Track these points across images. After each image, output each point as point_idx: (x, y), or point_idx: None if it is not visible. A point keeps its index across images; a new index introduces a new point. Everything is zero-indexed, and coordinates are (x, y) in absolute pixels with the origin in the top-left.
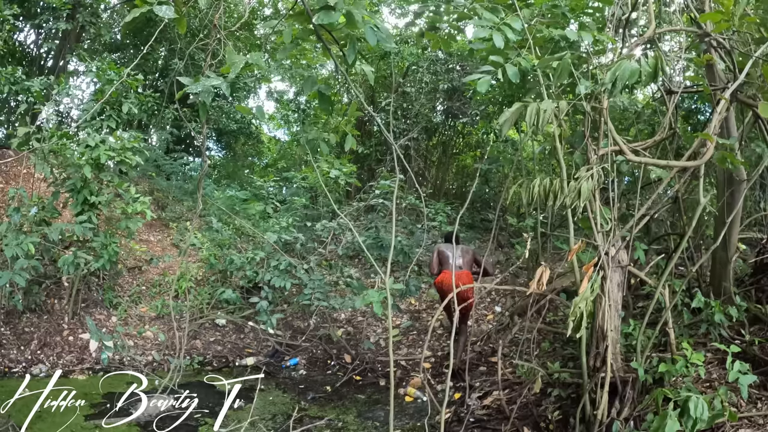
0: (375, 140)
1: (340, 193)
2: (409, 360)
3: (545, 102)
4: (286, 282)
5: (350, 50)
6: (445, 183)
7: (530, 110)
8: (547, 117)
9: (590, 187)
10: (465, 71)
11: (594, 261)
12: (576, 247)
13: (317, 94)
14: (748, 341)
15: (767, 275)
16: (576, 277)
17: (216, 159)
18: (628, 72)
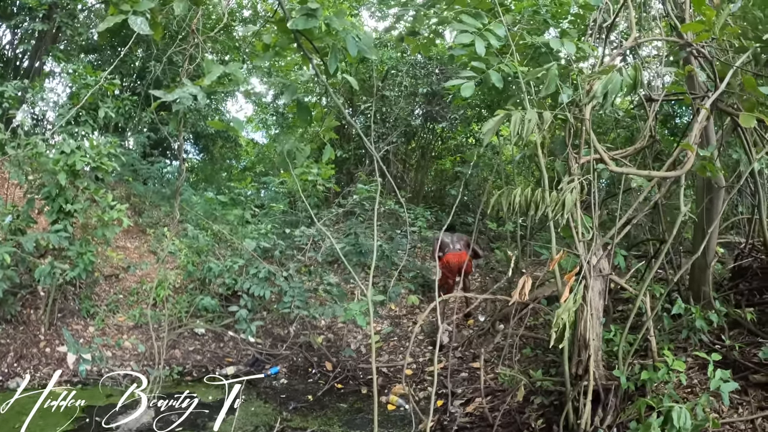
0: (354, 144)
1: (318, 197)
2: (390, 367)
3: (529, 112)
4: (266, 290)
5: (332, 60)
6: (424, 186)
7: (514, 120)
8: (531, 127)
9: (573, 198)
10: (444, 75)
11: (576, 270)
12: (558, 256)
13: (296, 104)
14: (729, 346)
15: (746, 280)
16: (558, 285)
17: (194, 162)
18: (618, 84)
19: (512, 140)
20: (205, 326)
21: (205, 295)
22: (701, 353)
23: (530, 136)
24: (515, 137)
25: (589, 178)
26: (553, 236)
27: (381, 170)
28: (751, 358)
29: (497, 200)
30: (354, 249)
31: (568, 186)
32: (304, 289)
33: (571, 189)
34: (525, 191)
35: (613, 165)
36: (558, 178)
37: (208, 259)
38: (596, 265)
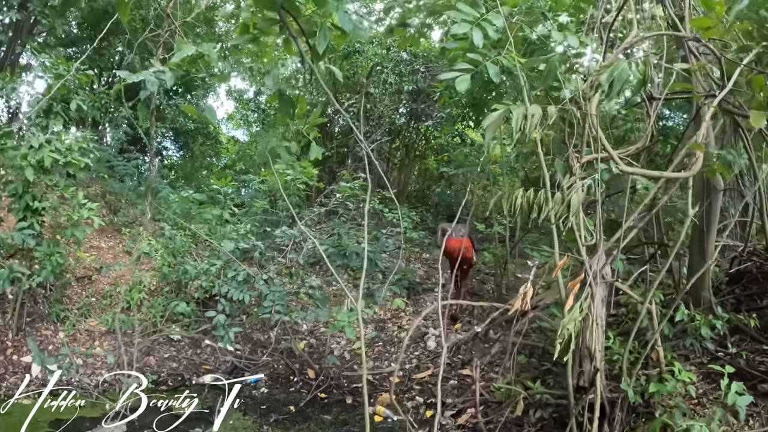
0: (336, 142)
1: (300, 196)
2: (375, 374)
3: (532, 107)
4: (245, 294)
5: (321, 38)
6: (407, 186)
7: (516, 115)
8: (534, 122)
9: (579, 200)
10: (430, 73)
11: (581, 277)
12: (561, 262)
13: (277, 96)
14: (733, 354)
15: (744, 284)
16: (561, 292)
17: (173, 159)
18: (625, 73)
19: (513, 137)
20: (180, 333)
21: (181, 299)
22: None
23: (533, 132)
24: (517, 134)
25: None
26: (555, 241)
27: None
28: (757, 366)
29: (497, 202)
30: (337, 251)
31: (573, 187)
32: (285, 293)
33: (577, 190)
34: (527, 193)
35: (623, 165)
36: (553, 180)
37: (185, 261)
38: (600, 271)
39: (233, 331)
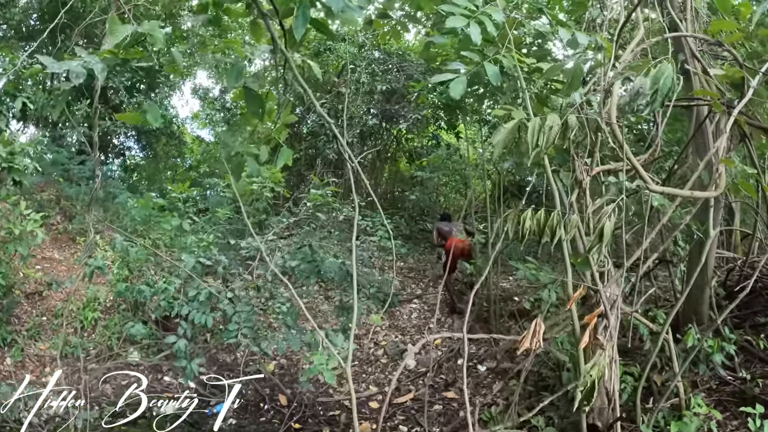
0: (306, 144)
1: (268, 202)
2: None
3: (550, 116)
4: (208, 318)
5: (299, 19)
6: (378, 189)
7: (532, 127)
8: (553, 135)
9: (612, 225)
10: (404, 72)
11: (599, 311)
12: (577, 293)
13: (243, 91)
14: (745, 379)
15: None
16: (575, 327)
17: (136, 160)
18: (670, 80)
19: (530, 152)
20: (137, 360)
21: (138, 319)
22: (749, 409)
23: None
24: (533, 148)
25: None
26: (568, 267)
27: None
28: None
29: (502, 223)
30: (311, 266)
31: (608, 208)
32: (252, 311)
33: (608, 215)
34: (537, 214)
35: (651, 183)
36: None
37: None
38: (616, 302)
39: (197, 363)
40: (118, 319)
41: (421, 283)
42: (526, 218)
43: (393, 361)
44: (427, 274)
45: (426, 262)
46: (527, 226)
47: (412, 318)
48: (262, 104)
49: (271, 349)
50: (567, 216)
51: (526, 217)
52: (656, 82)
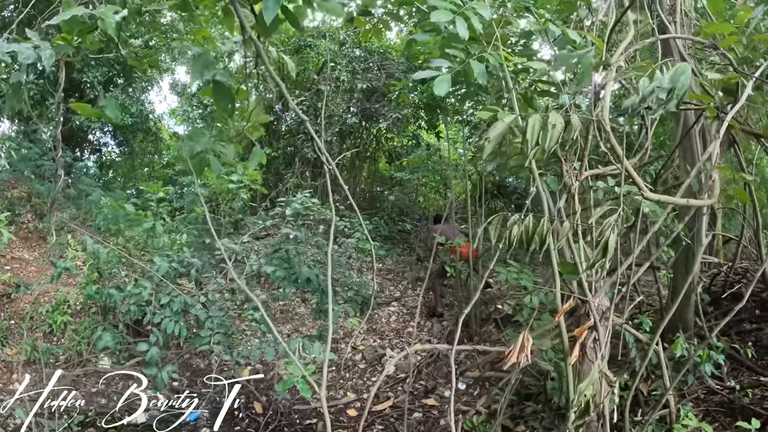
0: (284, 142)
1: (245, 201)
2: (330, 407)
3: (552, 115)
4: (181, 327)
5: (269, 4)
6: (356, 189)
7: (532, 125)
8: (555, 135)
9: (615, 237)
10: (386, 71)
11: (589, 324)
12: (567, 305)
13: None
14: (733, 388)
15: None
16: (564, 341)
17: (113, 156)
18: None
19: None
20: (107, 368)
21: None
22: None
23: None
24: (533, 147)
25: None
26: (557, 277)
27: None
28: (761, 402)
29: (485, 230)
30: (287, 273)
31: (609, 219)
32: (226, 315)
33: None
34: (525, 220)
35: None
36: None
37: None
38: (606, 313)
39: (168, 371)
40: (89, 324)
41: (400, 285)
42: (513, 225)
43: (371, 366)
44: (406, 276)
45: (405, 264)
46: (514, 233)
47: (390, 321)
48: (232, 100)
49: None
50: (556, 223)
51: (514, 224)
52: (674, 80)
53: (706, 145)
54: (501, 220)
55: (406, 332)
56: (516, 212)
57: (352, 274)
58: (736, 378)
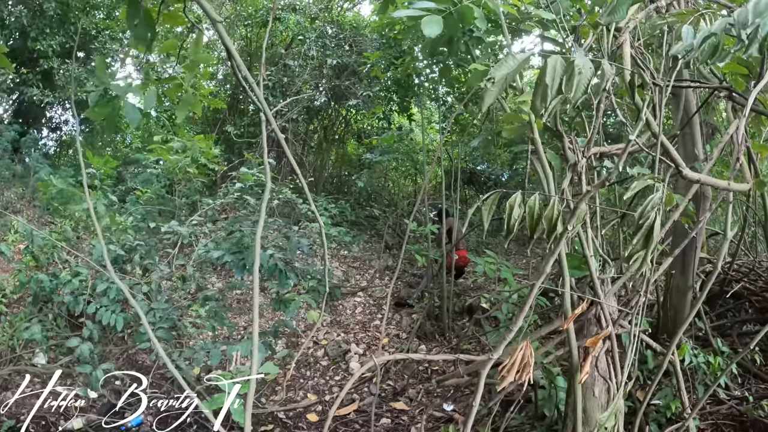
0: (247, 119)
1: (203, 181)
2: (289, 410)
3: (579, 56)
4: (118, 318)
5: None
6: (324, 172)
7: (552, 66)
8: (584, 81)
9: (660, 232)
10: (358, 48)
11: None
12: (578, 309)
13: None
14: (742, 398)
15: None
16: (573, 353)
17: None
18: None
19: (549, 99)
20: (43, 363)
21: (43, 317)
22: None
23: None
24: (553, 96)
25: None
26: (566, 273)
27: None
28: None
29: (477, 210)
30: (237, 258)
31: (653, 197)
32: (172, 309)
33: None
34: (531, 200)
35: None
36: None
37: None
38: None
39: (102, 371)
40: (24, 315)
41: (367, 274)
42: (514, 205)
43: (335, 363)
44: (372, 265)
45: (372, 252)
46: (515, 215)
47: (356, 313)
48: (152, 25)
49: (184, 360)
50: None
51: (514, 204)
52: (759, 13)
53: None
54: (496, 201)
55: (373, 325)
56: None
57: (316, 261)
58: (742, 386)
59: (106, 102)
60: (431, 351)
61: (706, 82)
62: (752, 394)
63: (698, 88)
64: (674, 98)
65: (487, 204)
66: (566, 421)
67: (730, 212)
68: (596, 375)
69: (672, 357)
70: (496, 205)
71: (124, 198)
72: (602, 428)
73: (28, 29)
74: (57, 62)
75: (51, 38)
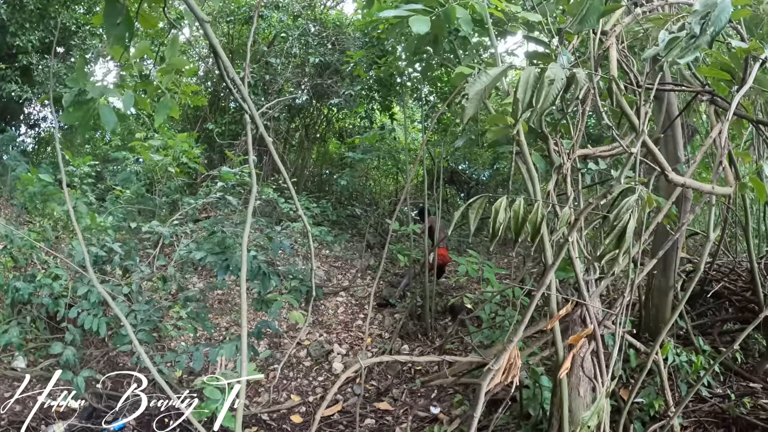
0: (228, 118)
1: (184, 180)
2: (273, 411)
3: (553, 66)
4: (101, 323)
5: None
6: (305, 170)
7: (525, 79)
8: (554, 92)
9: (634, 224)
10: (341, 46)
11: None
12: (564, 309)
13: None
14: (724, 396)
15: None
16: (558, 350)
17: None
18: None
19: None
20: (23, 366)
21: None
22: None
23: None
24: (524, 106)
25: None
26: (552, 275)
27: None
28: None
29: (463, 214)
30: (219, 259)
31: (627, 200)
32: (153, 310)
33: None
34: (515, 204)
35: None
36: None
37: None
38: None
39: (84, 378)
40: (2, 317)
41: (348, 273)
42: (499, 209)
43: (317, 363)
44: (354, 264)
45: (354, 251)
46: (500, 219)
47: (338, 313)
48: (130, 25)
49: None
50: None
51: (499, 208)
52: (709, 5)
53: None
54: (483, 205)
55: (355, 325)
56: (467, 201)
57: (297, 261)
58: (723, 384)
59: (81, 104)
60: (414, 351)
61: (689, 86)
62: (734, 392)
63: (681, 91)
64: (656, 101)
65: (474, 207)
66: (552, 420)
67: (713, 214)
68: (581, 375)
69: (656, 356)
70: (482, 208)
71: (103, 197)
72: (585, 427)
73: (7, 24)
74: (36, 58)
75: (31, 33)
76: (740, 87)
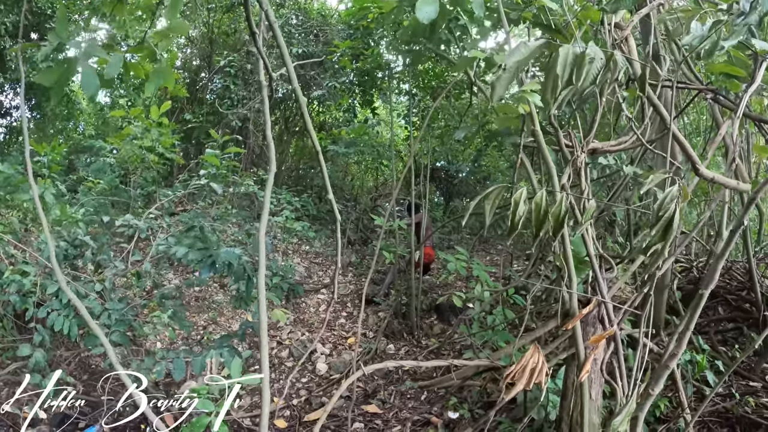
0: (207, 107)
1: (159, 171)
2: (254, 416)
3: (592, 46)
4: (72, 324)
5: None
6: (284, 164)
7: (564, 56)
8: (594, 71)
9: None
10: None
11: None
12: (586, 309)
13: None
14: (728, 395)
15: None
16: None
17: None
18: None
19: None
20: None
21: None
22: None
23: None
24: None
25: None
26: (573, 272)
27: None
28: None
29: (479, 205)
30: (201, 256)
31: (671, 189)
32: (127, 309)
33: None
34: (538, 197)
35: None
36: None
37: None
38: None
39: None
40: None
41: (329, 270)
42: (519, 201)
43: (301, 365)
44: (335, 260)
45: (334, 247)
46: (520, 211)
47: (320, 311)
48: None
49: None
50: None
51: (519, 200)
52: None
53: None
54: (500, 195)
55: (338, 323)
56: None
57: (277, 257)
58: (724, 383)
59: (59, 64)
60: (400, 350)
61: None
62: (737, 391)
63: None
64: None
65: (491, 198)
66: (561, 426)
67: (725, 213)
68: (593, 377)
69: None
70: (500, 199)
71: (76, 188)
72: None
73: None
74: (10, 43)
75: (4, 16)
76: (749, 84)
